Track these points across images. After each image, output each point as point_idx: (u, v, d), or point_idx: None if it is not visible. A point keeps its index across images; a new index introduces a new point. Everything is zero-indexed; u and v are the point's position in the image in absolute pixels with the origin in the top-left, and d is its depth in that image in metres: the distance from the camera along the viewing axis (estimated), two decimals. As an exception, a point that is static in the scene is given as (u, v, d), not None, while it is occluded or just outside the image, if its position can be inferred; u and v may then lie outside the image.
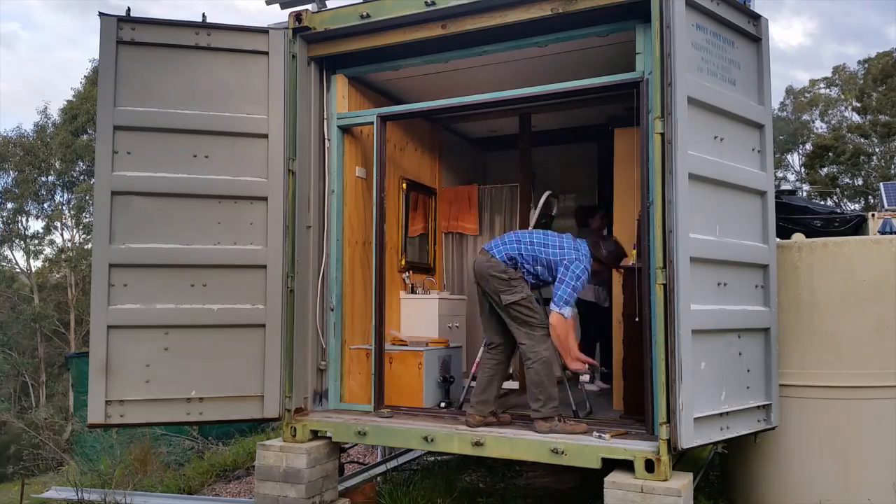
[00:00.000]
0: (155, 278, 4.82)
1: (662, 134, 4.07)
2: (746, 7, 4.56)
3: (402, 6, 4.88)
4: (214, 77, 4.98)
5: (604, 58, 5.26)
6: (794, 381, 4.67)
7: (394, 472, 6.22)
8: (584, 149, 7.94)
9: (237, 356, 4.94)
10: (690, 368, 3.92)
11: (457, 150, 7.95)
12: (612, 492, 3.96)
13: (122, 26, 4.82)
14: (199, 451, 9.16)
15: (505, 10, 4.72)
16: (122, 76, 4.81)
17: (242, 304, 4.96)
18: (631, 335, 5.03)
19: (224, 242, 4.94)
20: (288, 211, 5.09)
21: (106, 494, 6.24)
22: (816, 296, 4.69)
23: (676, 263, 3.93)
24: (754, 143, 4.56)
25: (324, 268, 5.48)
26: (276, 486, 4.98)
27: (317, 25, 5.16)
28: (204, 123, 4.93)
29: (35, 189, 27.12)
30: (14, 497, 8.00)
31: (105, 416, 4.71)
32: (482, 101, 5.15)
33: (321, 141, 5.52)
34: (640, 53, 4.50)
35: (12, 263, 28.20)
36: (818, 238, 4.95)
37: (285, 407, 5.05)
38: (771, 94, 4.66)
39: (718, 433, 4.15)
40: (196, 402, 4.87)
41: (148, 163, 4.84)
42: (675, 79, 4.01)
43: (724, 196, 4.30)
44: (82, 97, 26.92)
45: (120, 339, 4.74)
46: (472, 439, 4.56)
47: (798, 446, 4.68)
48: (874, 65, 28.16)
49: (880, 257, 4.61)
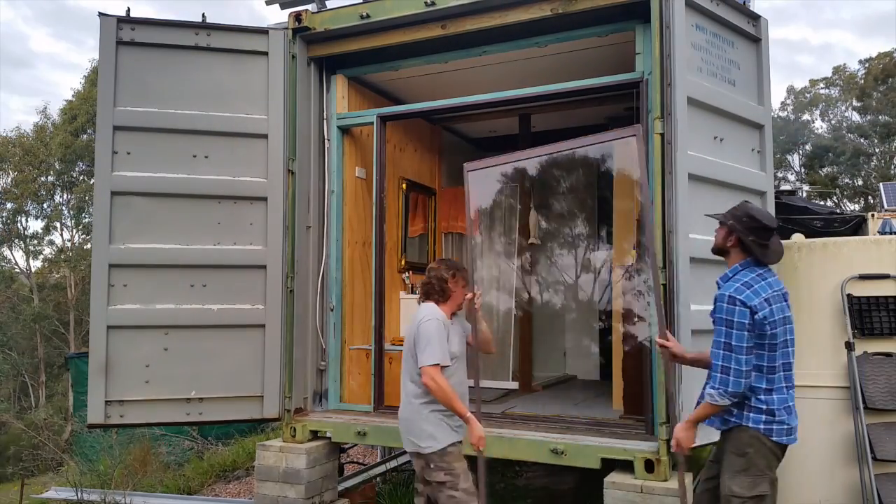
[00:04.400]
0: (155, 278, 4.83)
1: (662, 134, 4.08)
2: (746, 7, 4.57)
3: (402, 6, 4.88)
4: (214, 77, 4.98)
5: (604, 58, 5.26)
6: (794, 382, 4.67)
7: (393, 472, 6.22)
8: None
9: (237, 356, 4.94)
10: (690, 368, 3.92)
11: (457, 151, 7.94)
12: (611, 492, 3.97)
13: (121, 27, 4.82)
14: (198, 451, 9.15)
15: (505, 10, 4.72)
16: (121, 76, 4.81)
17: (242, 305, 4.96)
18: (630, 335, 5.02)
19: (224, 242, 4.94)
20: (288, 211, 5.09)
21: (105, 494, 6.24)
22: (816, 296, 4.70)
23: (676, 263, 3.94)
24: (754, 144, 4.56)
25: (324, 268, 5.48)
26: (276, 486, 4.98)
27: (317, 26, 5.16)
28: (204, 124, 4.93)
29: (34, 189, 27.10)
30: (14, 497, 8.00)
31: (105, 416, 4.71)
32: (482, 101, 5.16)
33: (321, 141, 5.52)
34: (639, 54, 4.50)
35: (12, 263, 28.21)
36: (818, 238, 4.95)
37: (285, 407, 5.05)
38: (771, 94, 4.67)
39: (718, 433, 4.15)
40: (196, 403, 4.87)
41: (148, 163, 4.84)
42: (675, 79, 4.02)
43: (724, 196, 4.29)
44: (82, 97, 26.90)
45: (120, 339, 4.75)
46: (472, 439, 4.55)
47: (798, 446, 4.67)
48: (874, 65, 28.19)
49: (880, 257, 4.61)
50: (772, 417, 3.00)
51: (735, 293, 2.97)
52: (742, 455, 3.03)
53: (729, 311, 2.96)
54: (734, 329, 2.94)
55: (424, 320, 3.60)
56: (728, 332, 2.95)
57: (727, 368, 2.94)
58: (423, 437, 3.57)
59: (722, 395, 2.97)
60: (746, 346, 2.93)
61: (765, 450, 3.01)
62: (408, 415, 3.66)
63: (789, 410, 3.04)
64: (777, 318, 2.99)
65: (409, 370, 3.67)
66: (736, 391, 2.94)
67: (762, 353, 2.99)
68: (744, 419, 3.03)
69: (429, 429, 3.56)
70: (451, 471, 3.54)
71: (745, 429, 3.02)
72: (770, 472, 3.03)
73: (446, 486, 3.52)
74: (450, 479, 3.52)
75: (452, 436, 3.59)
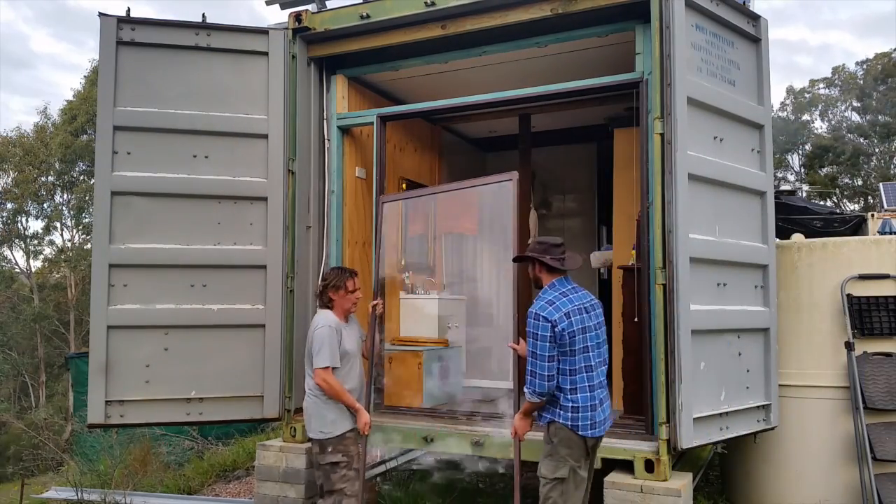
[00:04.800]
0: (155, 278, 4.83)
1: (662, 134, 4.08)
2: (746, 8, 4.57)
3: (402, 6, 4.88)
4: (214, 77, 4.99)
5: (604, 58, 5.26)
6: (794, 381, 4.68)
7: (393, 472, 6.22)
8: (583, 149, 7.94)
9: (237, 356, 4.95)
10: (690, 368, 3.93)
11: (457, 150, 7.95)
12: (611, 492, 3.97)
13: (121, 27, 4.82)
14: (198, 451, 9.14)
15: (505, 10, 4.72)
16: (122, 77, 4.82)
17: (242, 305, 4.96)
18: (630, 335, 5.02)
19: (224, 243, 4.95)
20: (288, 211, 5.09)
21: (106, 494, 6.24)
22: (816, 296, 4.70)
23: (676, 264, 3.94)
24: (754, 144, 4.57)
25: (324, 268, 5.48)
26: (276, 486, 4.99)
27: (317, 26, 5.17)
28: (204, 124, 4.93)
29: (35, 189, 27.08)
30: (14, 497, 8.00)
31: (105, 416, 4.72)
32: (482, 101, 5.16)
33: (321, 141, 5.52)
34: (639, 54, 4.50)
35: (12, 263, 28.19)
36: (818, 238, 4.96)
37: (285, 407, 5.05)
38: (770, 94, 4.67)
39: (718, 433, 4.16)
40: (196, 403, 4.87)
41: (148, 163, 4.84)
42: (675, 79, 4.02)
43: (724, 196, 4.30)
44: (82, 97, 26.88)
45: (120, 339, 4.75)
46: (472, 439, 4.56)
47: (798, 446, 4.68)
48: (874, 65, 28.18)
49: (880, 257, 4.62)
50: (577, 414, 3.47)
51: (539, 310, 3.47)
52: (549, 443, 3.55)
53: (534, 326, 3.47)
54: (538, 341, 3.44)
55: (318, 327, 4.15)
56: (534, 343, 3.46)
57: (534, 373, 3.47)
58: (326, 423, 4.15)
59: (532, 393, 3.49)
60: (549, 354, 3.43)
61: (568, 440, 3.48)
62: (310, 405, 4.22)
63: (594, 408, 3.52)
64: (575, 328, 3.47)
65: (308, 366, 4.22)
66: (542, 391, 3.46)
67: (565, 358, 3.49)
68: (555, 415, 3.51)
69: (330, 416, 4.15)
70: (347, 452, 4.16)
71: (555, 422, 3.52)
72: (570, 460, 3.49)
73: (340, 465, 4.12)
74: (345, 461, 4.14)
75: (349, 424, 4.19)
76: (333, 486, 4.15)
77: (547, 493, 3.50)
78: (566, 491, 3.48)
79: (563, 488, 3.48)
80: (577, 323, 3.49)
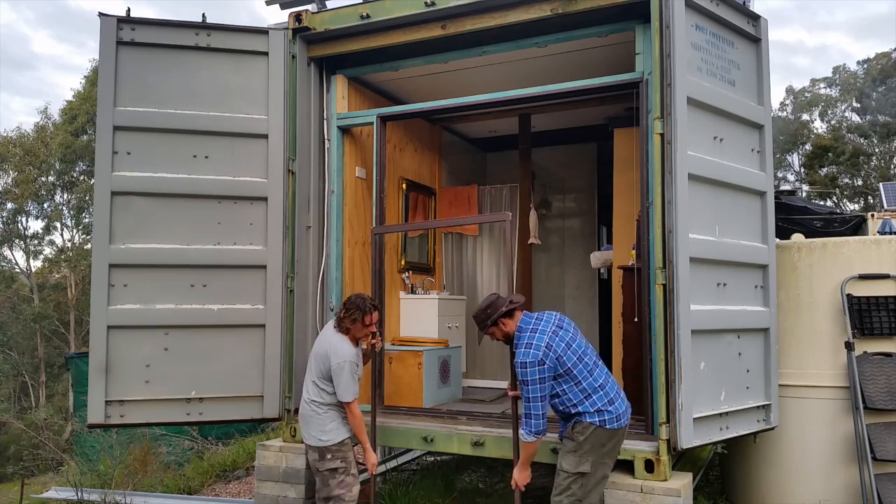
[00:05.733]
0: (155, 278, 4.83)
1: (662, 134, 4.08)
2: (746, 8, 4.57)
3: (402, 6, 4.88)
4: (214, 77, 4.98)
5: (603, 58, 5.26)
6: (794, 382, 4.68)
7: (393, 472, 6.22)
8: (583, 149, 7.94)
9: (237, 356, 4.94)
10: (690, 368, 3.93)
11: (457, 151, 7.95)
12: (611, 492, 3.97)
13: (121, 27, 4.82)
14: (198, 451, 9.15)
15: (505, 10, 4.72)
16: (122, 77, 4.81)
17: (242, 305, 4.96)
18: (630, 335, 5.03)
19: (224, 243, 4.95)
20: (288, 211, 5.09)
21: (106, 495, 6.24)
22: (816, 296, 4.70)
23: (676, 264, 3.94)
24: (754, 144, 4.56)
25: (324, 268, 5.49)
26: (276, 486, 4.99)
27: (317, 26, 5.17)
28: (204, 124, 4.93)
29: (35, 189, 27.08)
30: (14, 497, 8.00)
31: (105, 416, 4.71)
32: (482, 101, 5.16)
33: (321, 141, 5.52)
34: (639, 54, 4.50)
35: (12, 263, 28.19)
36: (818, 238, 4.96)
37: (285, 407, 5.05)
38: (770, 94, 4.67)
39: (718, 433, 4.16)
40: (196, 403, 4.87)
41: (148, 163, 4.84)
42: (675, 79, 4.02)
43: (724, 196, 4.30)
44: (82, 97, 26.89)
45: (120, 339, 4.75)
46: (472, 439, 4.57)
47: (798, 446, 4.68)
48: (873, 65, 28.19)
49: (880, 257, 4.62)
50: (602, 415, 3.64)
51: (523, 358, 3.63)
52: (572, 440, 3.68)
53: (523, 374, 3.63)
54: (529, 385, 3.62)
55: (344, 360, 4.17)
56: (526, 388, 3.64)
57: (530, 415, 3.64)
58: (326, 431, 4.25)
59: (529, 433, 3.66)
60: (541, 395, 3.62)
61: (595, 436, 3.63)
62: (310, 413, 4.30)
63: (612, 402, 3.68)
64: (560, 351, 3.64)
65: (314, 376, 4.28)
66: (538, 430, 3.65)
67: (567, 378, 3.66)
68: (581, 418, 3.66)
69: (330, 424, 4.26)
70: (345, 458, 4.27)
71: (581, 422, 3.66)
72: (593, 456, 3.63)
73: (339, 471, 4.24)
74: (343, 466, 4.25)
75: (347, 431, 4.31)
76: (331, 493, 4.21)
77: (568, 484, 3.64)
78: (586, 484, 3.63)
79: (584, 481, 3.63)
80: (560, 345, 3.65)
